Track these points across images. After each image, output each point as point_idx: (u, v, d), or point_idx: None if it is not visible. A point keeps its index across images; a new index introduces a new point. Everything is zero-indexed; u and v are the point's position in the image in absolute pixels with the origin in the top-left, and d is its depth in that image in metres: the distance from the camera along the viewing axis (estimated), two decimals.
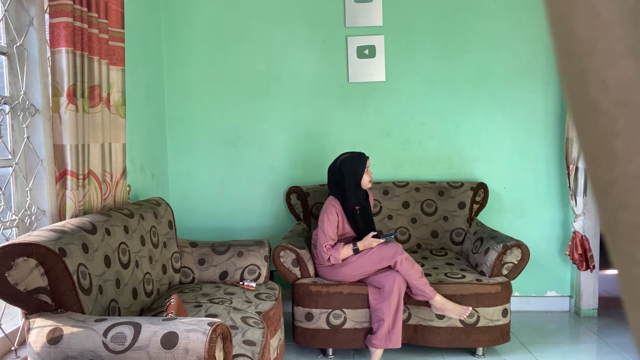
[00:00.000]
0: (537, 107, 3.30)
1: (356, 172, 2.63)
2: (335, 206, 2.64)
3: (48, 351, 1.44)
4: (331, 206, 2.65)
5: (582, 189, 3.14)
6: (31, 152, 1.95)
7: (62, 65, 1.93)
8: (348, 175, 2.62)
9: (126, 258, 2.03)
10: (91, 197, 2.11)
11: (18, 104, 1.90)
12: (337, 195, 2.67)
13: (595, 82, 0.25)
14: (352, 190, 2.64)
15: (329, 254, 2.58)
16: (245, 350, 1.79)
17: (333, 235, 2.62)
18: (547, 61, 3.26)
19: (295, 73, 3.36)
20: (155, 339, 1.40)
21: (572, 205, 3.19)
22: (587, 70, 0.26)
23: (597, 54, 0.25)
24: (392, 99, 3.35)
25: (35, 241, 1.52)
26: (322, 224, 2.62)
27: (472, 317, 2.58)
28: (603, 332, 3.02)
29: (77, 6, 1.98)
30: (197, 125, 3.42)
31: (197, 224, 3.43)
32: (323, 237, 2.60)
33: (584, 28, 0.25)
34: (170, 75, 3.40)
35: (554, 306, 3.38)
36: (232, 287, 2.48)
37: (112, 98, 2.31)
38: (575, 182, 3.15)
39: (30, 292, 1.50)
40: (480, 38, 3.28)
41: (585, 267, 3.12)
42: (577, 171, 3.14)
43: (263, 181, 3.42)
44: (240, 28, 3.36)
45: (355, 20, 3.31)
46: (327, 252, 2.58)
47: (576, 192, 3.16)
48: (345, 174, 2.63)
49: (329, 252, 2.58)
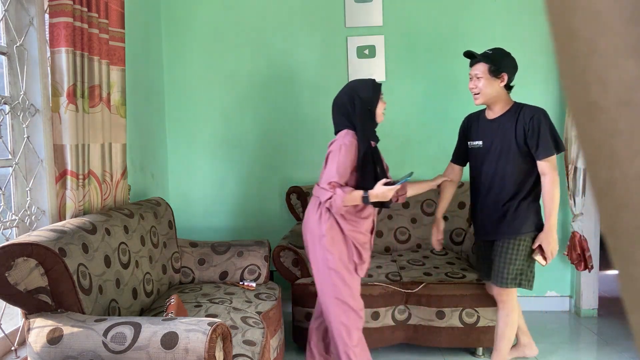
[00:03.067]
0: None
1: (372, 97, 2.13)
2: (353, 142, 2.07)
3: (48, 351, 1.44)
4: (352, 137, 2.08)
5: (581, 189, 3.14)
6: (31, 152, 1.95)
7: (62, 65, 1.93)
8: (360, 99, 2.11)
9: (126, 258, 2.03)
10: (91, 197, 2.11)
11: (18, 104, 1.90)
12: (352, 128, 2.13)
13: (596, 82, 0.25)
14: (366, 119, 2.11)
15: (331, 192, 2.01)
16: (245, 350, 1.79)
17: (345, 173, 2.04)
18: (547, 61, 3.26)
19: (295, 73, 3.36)
20: (155, 339, 1.40)
21: (570, 205, 3.19)
22: (587, 70, 0.25)
23: (598, 54, 0.25)
24: (392, 99, 3.35)
25: (35, 241, 1.52)
26: (336, 156, 2.05)
27: (472, 317, 2.58)
28: (603, 332, 3.01)
29: (77, 6, 1.97)
30: (197, 125, 3.42)
31: (197, 224, 3.43)
32: (332, 172, 2.03)
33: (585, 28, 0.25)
34: (170, 75, 3.40)
35: (554, 306, 3.38)
36: (232, 287, 2.48)
37: (112, 98, 2.31)
38: (574, 182, 3.15)
39: (30, 292, 1.50)
40: (480, 38, 3.28)
41: (584, 267, 3.12)
42: (576, 171, 3.14)
43: (263, 181, 3.42)
44: (241, 28, 3.36)
45: (355, 20, 3.31)
46: (331, 189, 2.01)
47: (575, 192, 3.16)
48: (356, 99, 2.12)
49: (332, 190, 2.01)
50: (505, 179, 2.20)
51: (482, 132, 2.28)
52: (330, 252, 2.09)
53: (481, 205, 2.30)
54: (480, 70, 2.18)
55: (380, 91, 2.18)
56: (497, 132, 2.21)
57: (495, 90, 2.18)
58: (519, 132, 2.14)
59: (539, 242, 2.17)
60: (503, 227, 2.22)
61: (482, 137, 2.28)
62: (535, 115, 2.12)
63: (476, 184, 2.33)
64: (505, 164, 2.20)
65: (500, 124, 2.22)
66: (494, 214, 2.25)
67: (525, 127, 2.12)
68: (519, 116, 2.16)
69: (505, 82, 2.18)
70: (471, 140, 2.34)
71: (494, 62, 2.16)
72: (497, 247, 2.26)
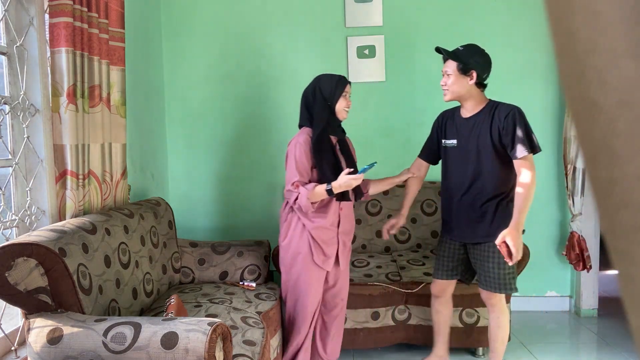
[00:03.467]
0: (536, 107, 3.30)
1: (332, 92, 2.14)
2: (308, 139, 2.14)
3: (48, 351, 1.44)
4: (306, 135, 2.15)
5: (580, 189, 3.14)
6: (31, 152, 1.95)
7: (62, 65, 1.93)
8: (321, 93, 2.15)
9: (126, 258, 2.03)
10: (91, 197, 2.11)
11: (18, 104, 1.90)
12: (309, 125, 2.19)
13: (596, 82, 0.25)
14: (323, 114, 2.13)
15: (297, 192, 2.06)
16: (245, 350, 1.79)
17: (305, 171, 2.10)
18: (547, 61, 3.26)
19: (295, 73, 3.36)
20: (155, 339, 1.40)
21: (569, 205, 3.19)
22: (587, 70, 0.25)
23: (598, 54, 0.25)
24: (392, 99, 3.35)
25: (35, 241, 1.52)
26: (293, 156, 2.11)
27: (472, 317, 2.58)
28: (603, 332, 3.01)
29: (77, 6, 1.97)
30: (197, 125, 3.42)
31: (197, 224, 3.43)
32: (292, 172, 2.09)
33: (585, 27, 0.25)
34: (170, 75, 3.40)
35: (554, 306, 3.38)
36: (232, 287, 2.48)
37: (112, 98, 2.31)
38: (573, 182, 3.15)
39: (30, 292, 1.50)
40: (480, 38, 3.27)
41: (582, 267, 3.12)
42: (575, 171, 3.14)
43: (263, 181, 3.42)
44: (240, 28, 3.36)
45: (355, 20, 3.31)
46: (295, 189, 2.07)
47: (574, 192, 3.16)
48: (317, 92, 2.16)
49: (297, 190, 2.06)
50: (482, 179, 2.15)
51: (457, 130, 2.23)
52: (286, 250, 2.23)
53: (457, 206, 2.23)
54: (450, 68, 2.16)
55: (345, 88, 2.17)
56: (473, 131, 2.17)
57: (464, 87, 2.14)
58: (494, 131, 2.10)
59: (504, 237, 1.98)
60: (482, 229, 2.16)
61: (457, 136, 2.23)
62: (510, 113, 2.08)
63: (450, 184, 2.27)
64: (482, 164, 2.14)
65: (475, 122, 2.17)
66: (472, 215, 2.19)
67: (500, 126, 2.08)
68: (494, 115, 2.12)
69: (475, 80, 2.14)
70: (445, 139, 2.29)
71: (462, 59, 2.13)
72: (482, 252, 2.19)
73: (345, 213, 2.25)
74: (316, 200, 2.08)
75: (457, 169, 2.22)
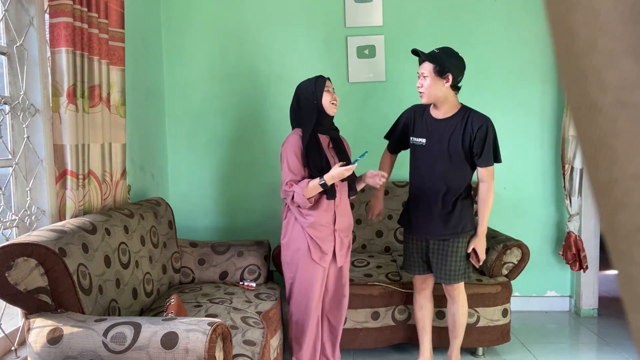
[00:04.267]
0: (534, 107, 3.30)
1: (315, 91, 2.22)
2: (297, 138, 2.21)
3: (48, 351, 1.44)
4: (297, 136, 2.22)
5: (577, 189, 3.14)
6: (31, 152, 1.95)
7: (62, 65, 1.93)
8: (305, 97, 2.24)
9: (126, 258, 2.03)
10: (91, 197, 2.11)
11: (18, 104, 1.90)
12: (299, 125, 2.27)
13: (595, 81, 0.25)
14: (312, 113, 2.21)
15: (292, 191, 2.14)
16: (245, 350, 1.79)
17: (298, 170, 2.17)
18: (546, 61, 3.26)
19: (295, 73, 3.35)
20: (155, 339, 1.40)
21: (566, 205, 3.19)
22: (587, 70, 0.25)
23: (597, 54, 0.25)
24: (392, 99, 3.35)
25: (35, 241, 1.52)
26: (284, 156, 2.20)
27: (472, 317, 2.58)
28: (603, 332, 3.01)
29: (77, 6, 1.97)
30: (197, 125, 3.42)
31: (197, 224, 3.43)
32: (286, 172, 2.18)
33: (584, 27, 0.25)
34: (170, 75, 3.40)
35: (554, 306, 3.38)
36: (232, 287, 2.48)
37: (112, 98, 2.31)
38: (571, 183, 3.15)
39: (30, 292, 1.50)
40: (480, 38, 3.28)
41: (579, 267, 3.13)
42: (572, 171, 3.14)
43: (263, 181, 3.42)
44: (240, 28, 3.36)
45: (355, 20, 3.31)
46: (289, 188, 2.15)
47: (571, 192, 3.16)
48: (301, 97, 2.25)
49: (292, 188, 2.14)
50: (451, 180, 2.22)
51: (428, 130, 2.26)
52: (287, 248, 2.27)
53: (424, 204, 2.28)
54: (427, 70, 2.18)
55: (325, 84, 2.24)
56: (444, 133, 2.21)
57: (440, 90, 2.17)
58: (466, 138, 2.18)
59: (473, 246, 2.28)
60: (450, 225, 2.24)
61: (426, 136, 2.25)
62: (483, 125, 2.16)
63: (420, 183, 2.30)
64: (452, 166, 2.21)
65: (448, 126, 2.21)
66: (442, 213, 2.25)
67: (472, 136, 2.16)
68: (466, 123, 2.18)
69: (451, 83, 2.16)
70: (414, 136, 2.31)
71: (438, 62, 2.15)
72: (447, 247, 2.26)
73: (341, 210, 2.27)
74: (312, 195, 2.14)
75: (427, 169, 2.27)
